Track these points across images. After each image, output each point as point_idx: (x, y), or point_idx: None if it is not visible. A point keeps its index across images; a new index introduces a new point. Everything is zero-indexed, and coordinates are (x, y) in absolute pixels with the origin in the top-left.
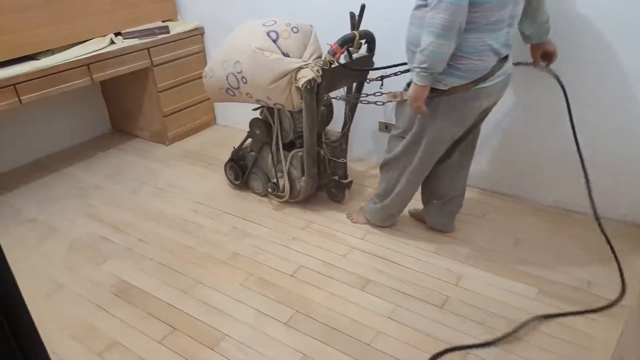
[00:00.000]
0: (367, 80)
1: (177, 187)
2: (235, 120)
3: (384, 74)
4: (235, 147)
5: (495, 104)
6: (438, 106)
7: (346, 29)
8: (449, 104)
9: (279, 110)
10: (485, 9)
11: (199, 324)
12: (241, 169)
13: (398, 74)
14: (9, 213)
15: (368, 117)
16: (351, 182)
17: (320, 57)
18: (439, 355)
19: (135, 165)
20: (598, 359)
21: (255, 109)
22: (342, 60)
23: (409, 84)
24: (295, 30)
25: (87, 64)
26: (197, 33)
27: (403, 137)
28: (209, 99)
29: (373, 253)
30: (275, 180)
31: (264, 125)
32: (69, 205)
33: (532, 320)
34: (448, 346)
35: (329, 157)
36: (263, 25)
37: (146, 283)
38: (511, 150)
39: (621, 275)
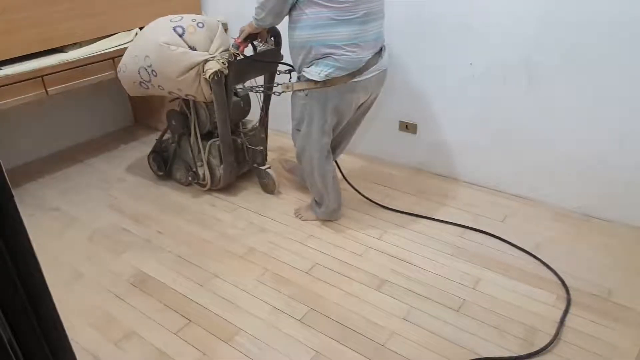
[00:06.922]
0: (278, 72)
1: None
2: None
3: (292, 67)
4: (157, 139)
5: (375, 99)
6: (319, 97)
7: None
8: (327, 96)
9: (194, 102)
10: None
11: (214, 317)
12: (164, 160)
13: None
14: (33, 202)
15: (387, 115)
16: (269, 168)
17: (227, 50)
18: None
19: None
20: None
21: (171, 101)
22: (248, 53)
23: (298, 77)
24: (200, 25)
25: (113, 58)
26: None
27: (299, 130)
28: None
29: (389, 253)
30: (195, 169)
31: (180, 117)
32: (91, 195)
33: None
34: (466, 351)
35: (247, 146)
36: (170, 21)
37: (164, 275)
38: (533, 153)
39: None
